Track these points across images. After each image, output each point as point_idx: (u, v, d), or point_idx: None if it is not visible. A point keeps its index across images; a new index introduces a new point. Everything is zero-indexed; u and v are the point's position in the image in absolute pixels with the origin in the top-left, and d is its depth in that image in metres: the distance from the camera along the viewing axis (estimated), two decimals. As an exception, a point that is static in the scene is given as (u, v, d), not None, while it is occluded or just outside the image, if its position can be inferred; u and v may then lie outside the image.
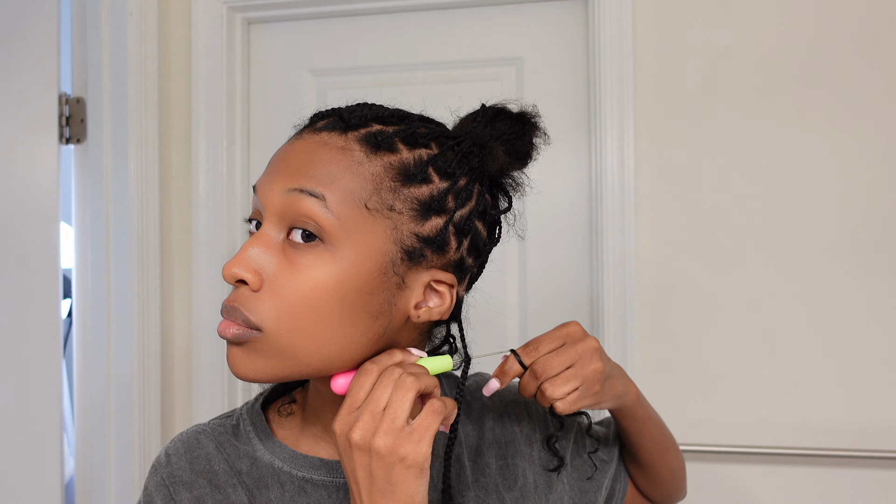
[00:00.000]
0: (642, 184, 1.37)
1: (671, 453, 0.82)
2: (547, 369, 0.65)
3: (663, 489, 0.84)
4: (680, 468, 0.85)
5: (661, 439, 0.80)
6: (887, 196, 1.30)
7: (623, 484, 0.82)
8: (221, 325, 0.58)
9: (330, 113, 0.63)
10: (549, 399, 0.65)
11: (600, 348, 0.68)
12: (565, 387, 0.65)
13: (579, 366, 0.66)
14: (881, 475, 1.30)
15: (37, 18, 1.35)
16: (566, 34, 1.47)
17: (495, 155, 0.63)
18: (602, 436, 0.84)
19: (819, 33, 1.32)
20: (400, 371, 0.57)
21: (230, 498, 0.64)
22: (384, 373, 0.57)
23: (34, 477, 1.35)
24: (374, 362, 0.58)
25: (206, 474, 0.65)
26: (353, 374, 0.59)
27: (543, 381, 0.66)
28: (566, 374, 0.66)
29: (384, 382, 0.56)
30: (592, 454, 0.79)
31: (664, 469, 0.82)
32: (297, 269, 0.57)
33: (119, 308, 1.43)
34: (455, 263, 0.62)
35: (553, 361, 0.66)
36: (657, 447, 0.80)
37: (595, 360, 0.67)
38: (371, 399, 0.55)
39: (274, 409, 0.71)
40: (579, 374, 0.66)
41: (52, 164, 1.37)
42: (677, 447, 0.84)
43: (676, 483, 0.85)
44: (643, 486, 0.84)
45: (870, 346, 1.30)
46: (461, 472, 0.70)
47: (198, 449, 0.66)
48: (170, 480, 0.64)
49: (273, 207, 0.58)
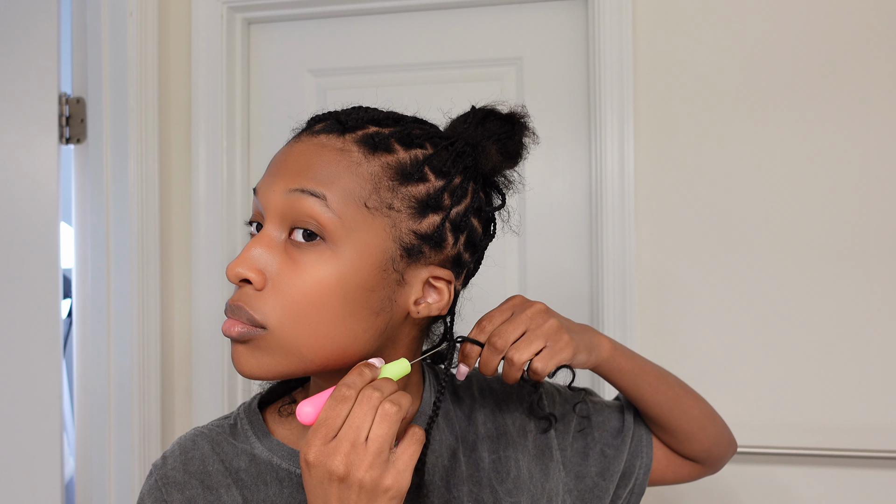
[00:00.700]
0: (642, 183, 1.37)
1: (686, 401, 0.78)
2: (505, 337, 0.65)
3: (699, 444, 0.79)
4: (706, 416, 0.80)
5: (667, 388, 0.77)
6: (884, 197, 1.30)
7: (644, 460, 0.79)
8: (226, 324, 0.59)
9: (327, 116, 0.64)
10: (520, 364, 0.64)
11: (548, 308, 0.68)
12: (531, 347, 0.64)
13: (535, 326, 0.66)
14: (881, 475, 1.30)
15: (37, 18, 1.36)
16: (566, 34, 1.47)
17: (488, 154, 0.65)
18: (603, 409, 0.81)
19: (820, 35, 1.32)
20: (378, 396, 0.54)
21: (222, 498, 0.64)
22: (361, 398, 0.54)
23: (34, 477, 1.35)
24: (348, 386, 0.55)
25: (198, 475, 0.65)
26: (319, 399, 0.56)
27: (507, 350, 0.65)
28: (526, 337, 0.65)
29: (363, 410, 0.54)
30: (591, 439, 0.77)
31: (686, 421, 0.78)
32: (300, 268, 0.58)
33: (119, 308, 1.43)
34: (452, 259, 0.64)
35: (507, 329, 0.65)
36: (665, 398, 0.76)
37: (548, 317, 0.67)
38: (350, 428, 0.53)
39: (273, 409, 0.72)
40: (539, 334, 0.65)
41: (52, 164, 1.37)
42: (696, 396, 0.80)
43: (709, 434, 0.80)
44: (677, 447, 0.80)
45: (870, 345, 1.30)
46: (456, 466, 0.70)
47: (193, 450, 0.67)
48: (163, 482, 0.65)
49: (275, 208, 0.59)
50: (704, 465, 0.83)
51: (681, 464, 0.82)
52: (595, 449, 0.77)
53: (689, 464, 0.82)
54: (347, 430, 0.53)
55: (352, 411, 0.54)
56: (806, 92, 1.32)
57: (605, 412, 0.80)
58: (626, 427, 0.79)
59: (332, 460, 0.52)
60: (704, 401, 0.81)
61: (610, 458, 0.77)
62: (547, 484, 0.73)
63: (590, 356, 0.69)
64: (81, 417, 1.48)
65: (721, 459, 0.83)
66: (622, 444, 0.78)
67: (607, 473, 0.77)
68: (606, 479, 0.76)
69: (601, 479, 0.76)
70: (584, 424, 0.78)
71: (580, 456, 0.76)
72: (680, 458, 0.82)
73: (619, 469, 0.77)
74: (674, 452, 0.81)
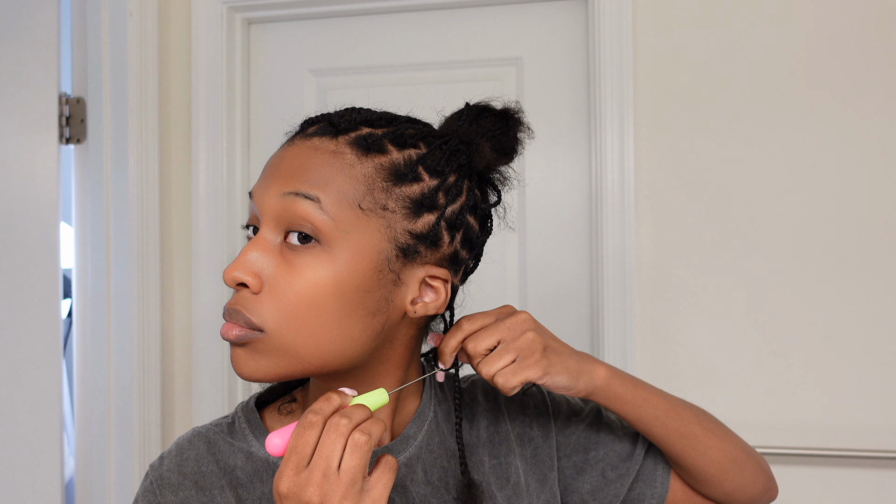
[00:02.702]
0: (642, 182, 1.37)
1: (704, 441, 0.72)
2: (476, 342, 0.64)
3: (718, 489, 0.74)
4: (729, 459, 0.73)
5: (679, 425, 0.71)
6: (887, 195, 1.30)
7: (658, 490, 0.74)
8: (224, 328, 0.59)
9: (320, 119, 0.65)
10: (487, 377, 0.63)
11: (532, 319, 0.66)
12: (500, 362, 0.63)
13: (510, 338, 0.64)
14: (881, 475, 1.30)
15: (37, 18, 1.36)
16: (566, 34, 1.47)
17: (482, 151, 0.65)
18: (616, 428, 0.77)
19: (820, 33, 1.32)
20: (346, 423, 0.53)
21: (215, 500, 0.65)
22: (329, 425, 0.53)
23: (34, 477, 1.35)
24: (314, 412, 0.54)
25: (192, 476, 0.66)
26: (287, 431, 0.55)
27: (477, 362, 0.64)
28: (498, 349, 0.64)
29: (331, 438, 0.53)
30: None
31: (702, 462, 0.72)
32: (296, 271, 0.58)
33: (119, 308, 1.43)
34: (449, 258, 0.64)
35: (481, 335, 0.64)
36: (677, 435, 0.71)
37: (526, 329, 0.65)
38: (321, 457, 0.52)
39: (273, 408, 0.72)
40: (511, 347, 0.64)
41: (52, 164, 1.37)
42: (721, 435, 0.73)
43: (731, 479, 0.73)
44: (694, 485, 0.75)
45: (870, 345, 1.30)
46: (456, 468, 0.70)
47: (189, 451, 0.67)
48: (157, 483, 0.66)
49: (269, 212, 0.60)
50: None
51: (700, 501, 0.76)
52: (595, 468, 0.75)
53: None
54: (318, 459, 0.52)
55: (321, 439, 0.53)
56: (805, 91, 1.32)
57: (617, 433, 0.77)
58: (636, 454, 0.75)
59: (306, 491, 0.52)
60: (734, 440, 0.74)
61: (609, 481, 0.74)
62: (542, 495, 0.73)
63: (576, 382, 0.66)
64: (81, 417, 1.48)
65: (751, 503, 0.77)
66: (626, 471, 0.75)
67: (600, 495, 0.74)
68: (598, 499, 0.74)
69: (591, 499, 0.74)
70: (588, 440, 0.76)
71: (575, 470, 0.75)
72: (699, 497, 0.76)
73: (619, 494, 0.74)
74: (693, 490, 0.76)
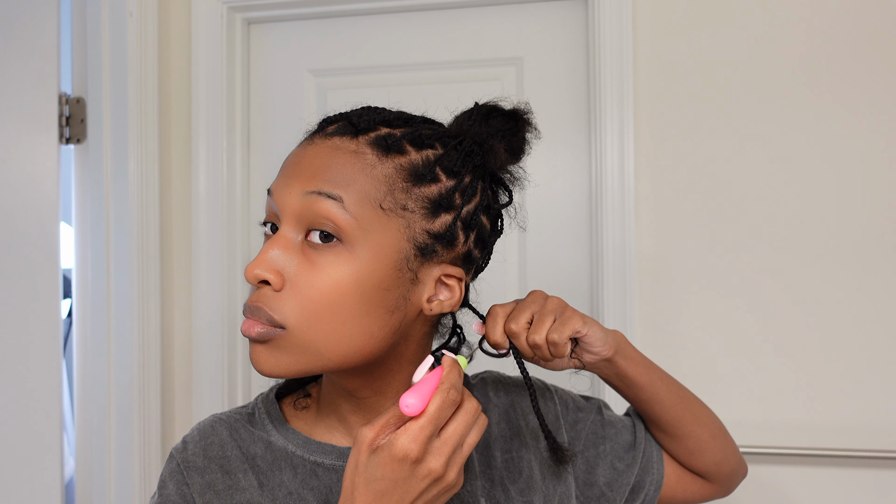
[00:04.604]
0: (642, 183, 1.37)
1: (697, 405, 0.79)
2: (518, 324, 0.68)
3: (710, 455, 0.80)
4: (716, 426, 0.81)
5: (679, 389, 0.78)
6: (886, 195, 1.30)
7: (655, 476, 0.79)
8: (245, 325, 0.60)
9: (339, 118, 0.65)
10: (541, 343, 0.67)
11: (545, 293, 0.72)
12: (543, 325, 0.68)
13: (539, 308, 0.69)
14: (880, 475, 1.30)
15: (37, 18, 1.36)
16: (566, 34, 1.47)
17: (496, 152, 0.66)
18: (619, 424, 0.82)
19: (820, 34, 1.33)
20: (477, 407, 0.58)
21: (240, 483, 0.66)
22: (467, 407, 0.58)
23: (34, 477, 1.35)
24: (457, 390, 0.57)
25: (218, 460, 0.67)
26: (422, 391, 0.56)
27: (523, 337, 0.68)
28: (536, 319, 0.68)
29: (467, 419, 0.57)
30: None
31: (698, 426, 0.78)
32: (318, 269, 0.59)
33: (119, 308, 1.43)
34: (463, 257, 0.65)
35: (516, 316, 0.69)
36: (678, 398, 0.77)
37: (547, 297, 0.71)
38: (456, 434, 0.56)
39: (288, 402, 0.74)
40: (545, 313, 0.68)
41: (52, 164, 1.37)
42: (705, 406, 0.81)
43: (720, 445, 0.80)
44: (687, 459, 0.80)
45: (871, 345, 1.30)
46: (469, 461, 0.72)
47: (212, 436, 0.69)
48: (184, 466, 0.67)
49: (291, 210, 0.60)
50: (714, 482, 0.83)
51: (691, 480, 0.82)
52: (605, 460, 0.78)
53: (699, 481, 0.83)
54: (454, 434, 0.56)
55: (459, 418, 0.57)
56: (805, 90, 1.33)
57: (618, 426, 0.81)
58: (637, 442, 0.80)
59: (436, 459, 0.55)
60: (714, 415, 0.82)
61: (620, 472, 0.78)
62: (559, 487, 0.74)
63: (607, 336, 0.71)
64: (81, 417, 1.48)
65: (732, 477, 0.83)
66: (633, 460, 0.79)
67: (615, 485, 0.77)
68: (614, 490, 0.77)
69: (608, 490, 0.77)
70: (596, 435, 0.79)
71: (589, 464, 0.78)
72: (690, 475, 0.82)
73: (628, 483, 0.78)
74: (684, 468, 0.82)
